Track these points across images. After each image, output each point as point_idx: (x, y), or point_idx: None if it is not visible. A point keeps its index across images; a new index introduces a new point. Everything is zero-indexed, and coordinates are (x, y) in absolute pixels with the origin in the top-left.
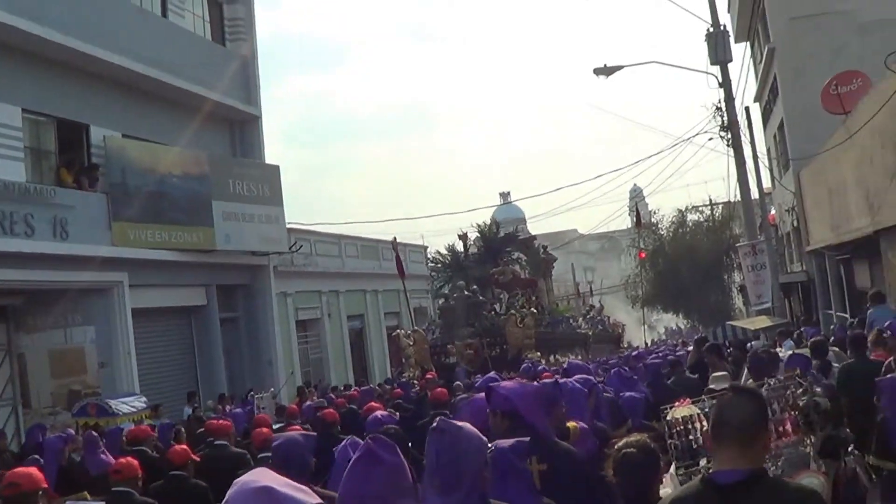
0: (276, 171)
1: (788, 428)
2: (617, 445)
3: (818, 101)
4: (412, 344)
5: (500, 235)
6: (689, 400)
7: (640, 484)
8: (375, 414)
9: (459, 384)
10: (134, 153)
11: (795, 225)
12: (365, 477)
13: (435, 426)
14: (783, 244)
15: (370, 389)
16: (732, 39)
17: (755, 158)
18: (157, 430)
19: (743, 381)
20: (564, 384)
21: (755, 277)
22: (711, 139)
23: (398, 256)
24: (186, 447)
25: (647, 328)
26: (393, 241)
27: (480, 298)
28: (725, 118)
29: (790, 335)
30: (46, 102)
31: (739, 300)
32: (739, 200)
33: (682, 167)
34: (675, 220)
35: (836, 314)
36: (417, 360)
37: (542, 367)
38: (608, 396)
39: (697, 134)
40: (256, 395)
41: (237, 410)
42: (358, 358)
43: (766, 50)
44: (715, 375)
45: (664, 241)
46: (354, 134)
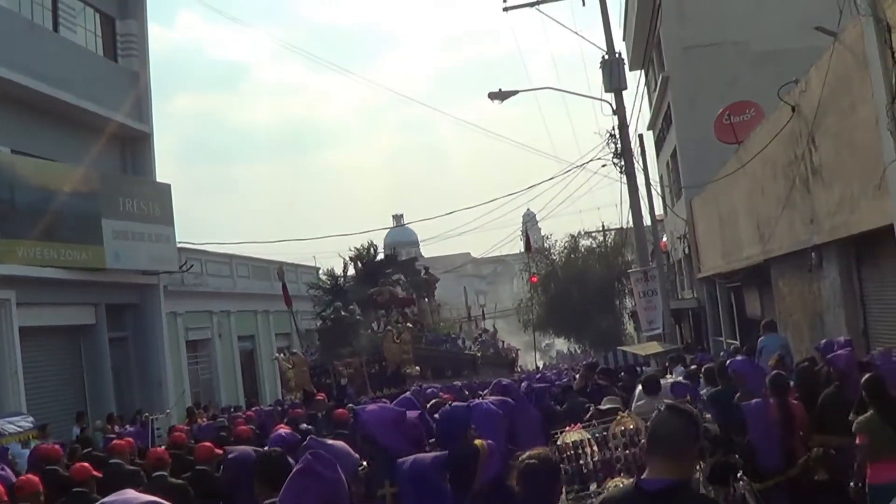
0: (167, 189)
1: None
2: (520, 457)
3: (711, 130)
4: (291, 367)
5: (376, 259)
6: (579, 424)
7: (542, 493)
8: (280, 432)
9: (352, 406)
10: (23, 170)
11: (687, 252)
12: (303, 490)
13: (305, 445)
14: (674, 271)
15: (271, 410)
16: (627, 67)
17: (648, 185)
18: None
19: (634, 403)
20: (479, 405)
21: (646, 303)
22: (605, 165)
23: (284, 285)
24: (88, 465)
25: (539, 353)
26: (279, 270)
27: (358, 318)
28: (619, 145)
29: (681, 361)
30: None
31: (631, 326)
32: (632, 227)
33: (575, 193)
34: (567, 245)
35: (726, 341)
36: (297, 382)
37: (431, 388)
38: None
39: (591, 160)
40: (151, 415)
41: (130, 430)
42: (249, 379)
43: (660, 78)
44: (607, 399)
45: (556, 265)
46: (247, 153)
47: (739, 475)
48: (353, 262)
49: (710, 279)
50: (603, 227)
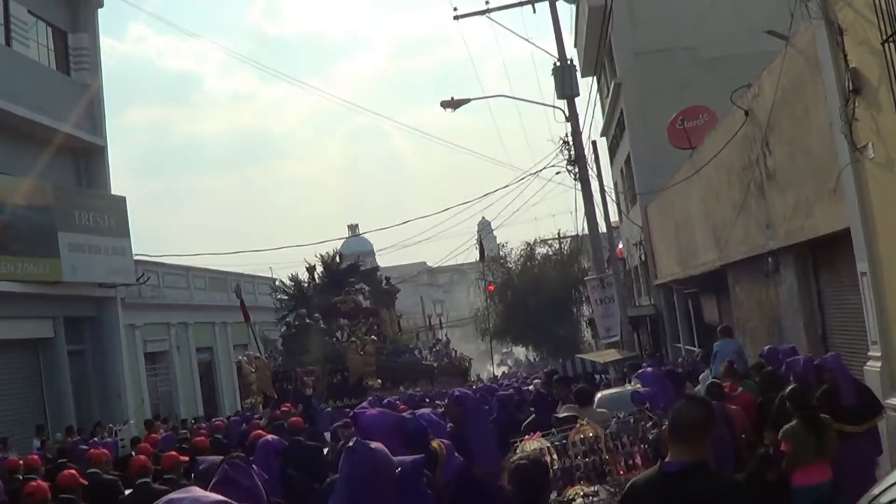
0: (122, 202)
1: (639, 461)
2: (511, 459)
3: (665, 135)
4: (254, 370)
5: (342, 266)
6: (538, 433)
7: (532, 491)
8: (266, 437)
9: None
10: None
11: (643, 259)
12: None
13: (349, 446)
14: (631, 278)
15: (239, 419)
16: (579, 74)
17: (602, 192)
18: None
19: (595, 407)
20: (423, 415)
21: (604, 311)
22: (559, 173)
23: (242, 302)
24: (75, 472)
25: (498, 361)
26: (236, 288)
27: (322, 326)
28: (573, 152)
29: (638, 368)
30: None
31: (589, 333)
32: (587, 234)
33: (529, 200)
34: (523, 253)
35: (684, 347)
36: (259, 386)
37: (388, 400)
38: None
39: (545, 168)
40: (116, 426)
41: (108, 440)
42: (207, 390)
43: (612, 84)
44: (565, 407)
45: (513, 273)
46: (201, 164)
47: None
48: (312, 269)
49: (667, 285)
50: (559, 234)
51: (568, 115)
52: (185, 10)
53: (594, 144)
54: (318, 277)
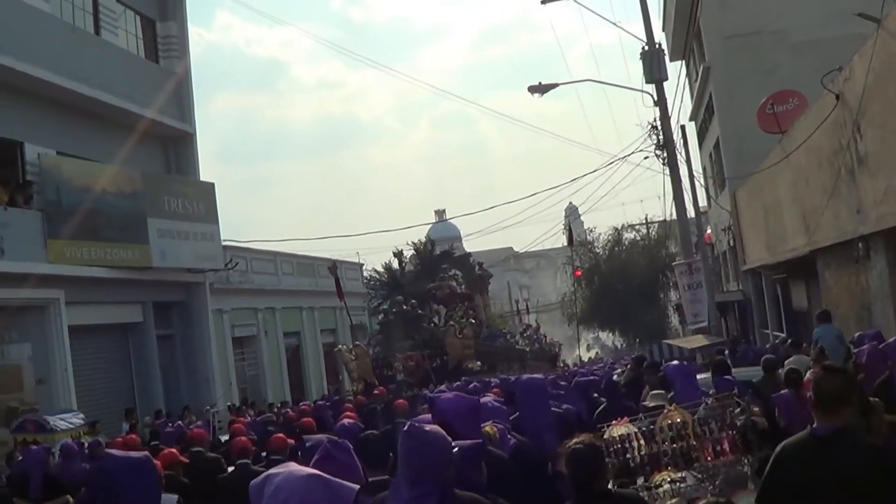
0: (211, 188)
1: (726, 447)
2: (567, 444)
3: (754, 120)
4: (354, 358)
5: (435, 253)
6: (626, 418)
7: (587, 474)
8: (343, 422)
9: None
10: (69, 171)
11: (731, 244)
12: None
13: (405, 429)
14: (719, 263)
15: (323, 404)
16: (668, 58)
17: (691, 177)
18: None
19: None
20: (486, 404)
21: (691, 296)
22: (647, 158)
23: (337, 280)
24: (176, 451)
25: (586, 346)
26: (332, 266)
27: (419, 312)
28: (661, 136)
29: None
30: None
31: (676, 319)
32: (675, 219)
33: (617, 185)
34: (610, 238)
35: (772, 333)
36: (360, 374)
37: (490, 381)
38: (556, 412)
39: (633, 152)
40: (213, 409)
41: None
42: (294, 374)
43: (701, 69)
44: (653, 394)
45: (600, 259)
46: (288, 151)
47: None
48: (400, 254)
49: (755, 271)
50: (646, 219)
51: (656, 99)
52: None
53: (683, 129)
54: (408, 263)
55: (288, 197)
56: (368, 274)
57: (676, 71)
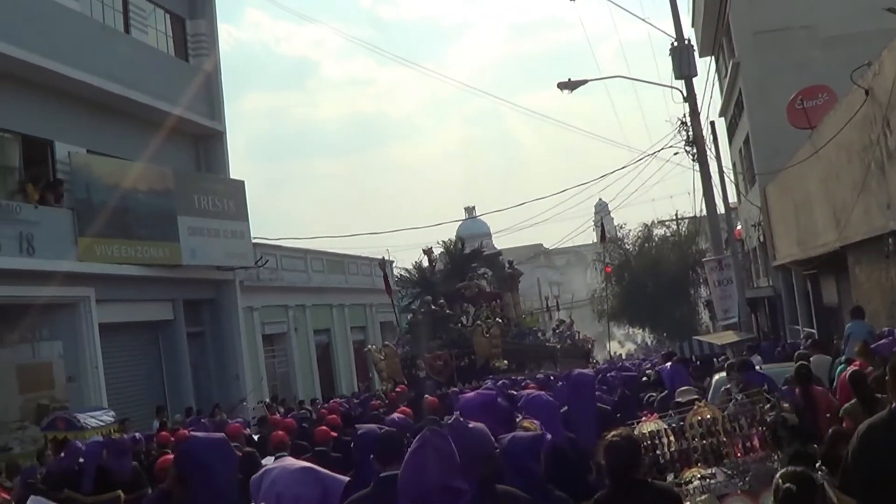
0: (240, 186)
1: (756, 443)
2: (605, 437)
3: (784, 115)
4: (384, 358)
5: (465, 252)
6: (656, 415)
7: (623, 465)
8: (393, 416)
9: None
10: (99, 169)
11: (762, 240)
12: (419, 461)
13: (450, 423)
14: (749, 259)
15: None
16: (697, 54)
17: (721, 173)
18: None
19: (712, 392)
20: (539, 397)
21: (721, 292)
22: (677, 153)
23: (386, 275)
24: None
25: (618, 343)
26: (382, 261)
27: (448, 312)
28: (691, 133)
29: (757, 350)
30: (11, 119)
31: (706, 315)
32: (705, 215)
33: (647, 182)
34: (640, 234)
35: (802, 329)
36: (389, 373)
37: (518, 379)
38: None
39: (662, 148)
40: (252, 404)
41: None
42: (325, 372)
43: (730, 64)
44: (681, 390)
45: (630, 255)
46: (318, 149)
47: (818, 465)
48: (429, 251)
49: (785, 267)
50: (676, 215)
51: (686, 95)
52: None
53: (712, 125)
54: (437, 261)
55: (318, 194)
56: (399, 273)
57: (706, 67)
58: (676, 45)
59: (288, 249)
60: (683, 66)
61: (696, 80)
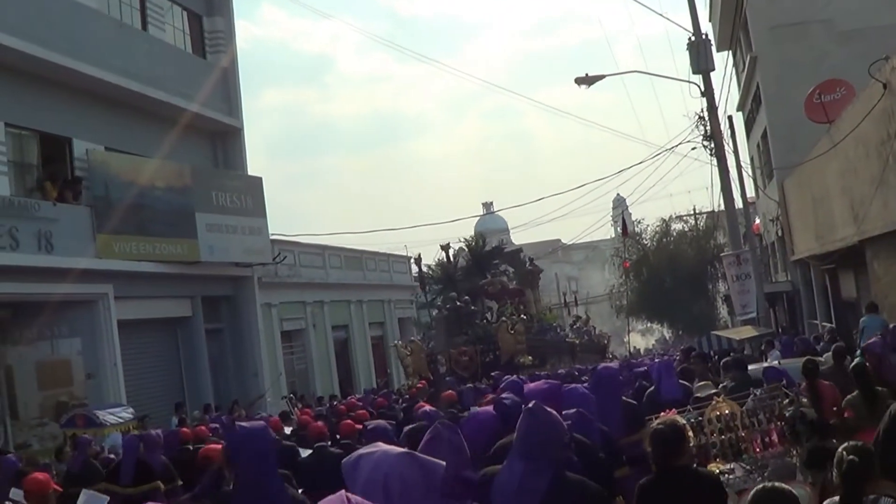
0: (258, 182)
1: (775, 438)
2: (652, 425)
3: (801, 109)
4: (410, 354)
5: (486, 249)
6: (674, 410)
7: (668, 452)
8: (424, 408)
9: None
10: (117, 166)
11: (780, 234)
12: (433, 453)
13: (529, 408)
14: (768, 254)
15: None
16: (714, 48)
17: (739, 168)
18: None
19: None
20: (575, 389)
21: (740, 287)
22: (695, 148)
23: (421, 272)
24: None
25: (639, 337)
26: (417, 257)
27: (472, 308)
28: (708, 127)
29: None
30: (29, 116)
31: (724, 310)
32: (723, 210)
33: (665, 177)
34: (658, 229)
35: (821, 324)
36: (415, 369)
37: (541, 374)
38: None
39: (680, 143)
40: (285, 398)
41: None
42: (343, 368)
43: (748, 59)
44: (700, 384)
45: (648, 250)
46: (335, 145)
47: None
48: (447, 247)
49: (803, 261)
50: (694, 210)
51: (703, 90)
52: None
53: (730, 119)
54: (459, 258)
55: (335, 191)
56: (423, 268)
57: (723, 61)
58: (694, 39)
59: (306, 246)
60: (701, 60)
61: (713, 74)
